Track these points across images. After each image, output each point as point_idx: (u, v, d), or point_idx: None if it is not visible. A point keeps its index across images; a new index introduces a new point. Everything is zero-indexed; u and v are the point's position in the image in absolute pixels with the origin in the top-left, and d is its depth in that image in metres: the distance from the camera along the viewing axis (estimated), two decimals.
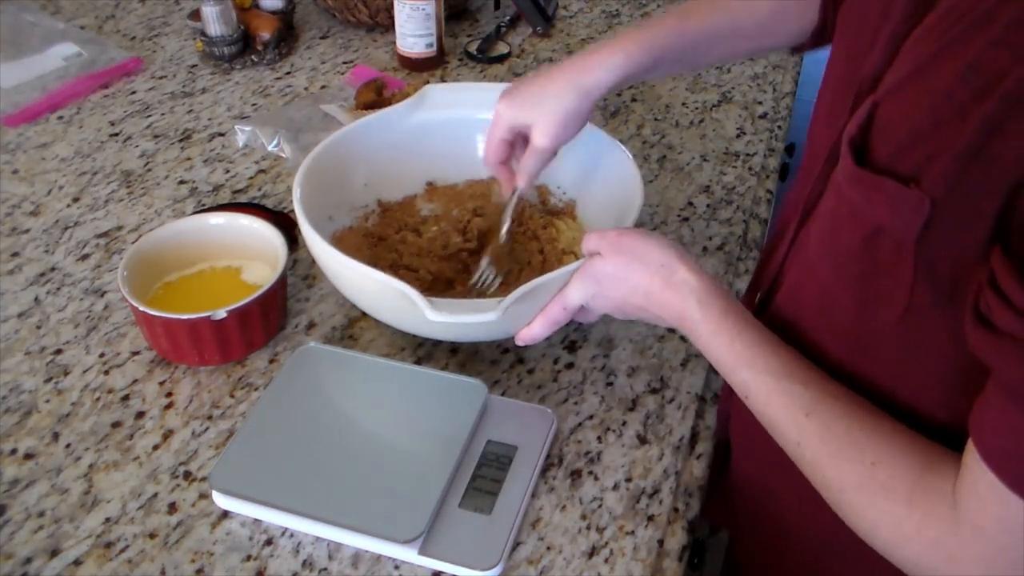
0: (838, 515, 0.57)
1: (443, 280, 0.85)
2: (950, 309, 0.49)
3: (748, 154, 1.06)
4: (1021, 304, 0.42)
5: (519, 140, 0.81)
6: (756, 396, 0.60)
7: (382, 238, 0.89)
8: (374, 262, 0.86)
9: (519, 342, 0.72)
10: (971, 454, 0.48)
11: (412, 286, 0.84)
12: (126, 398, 0.75)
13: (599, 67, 0.76)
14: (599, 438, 0.73)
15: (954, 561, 0.50)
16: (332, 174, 0.86)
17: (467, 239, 0.88)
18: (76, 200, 0.96)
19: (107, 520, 0.66)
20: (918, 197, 0.46)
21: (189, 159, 1.03)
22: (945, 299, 0.49)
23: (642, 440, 0.73)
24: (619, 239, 0.67)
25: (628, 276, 0.66)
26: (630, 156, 0.83)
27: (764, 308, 0.69)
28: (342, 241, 0.87)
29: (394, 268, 0.86)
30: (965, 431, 0.49)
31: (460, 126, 0.92)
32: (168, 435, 0.72)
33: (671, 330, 0.82)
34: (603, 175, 0.87)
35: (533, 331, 0.71)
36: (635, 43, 0.76)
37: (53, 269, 0.88)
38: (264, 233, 0.81)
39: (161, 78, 1.17)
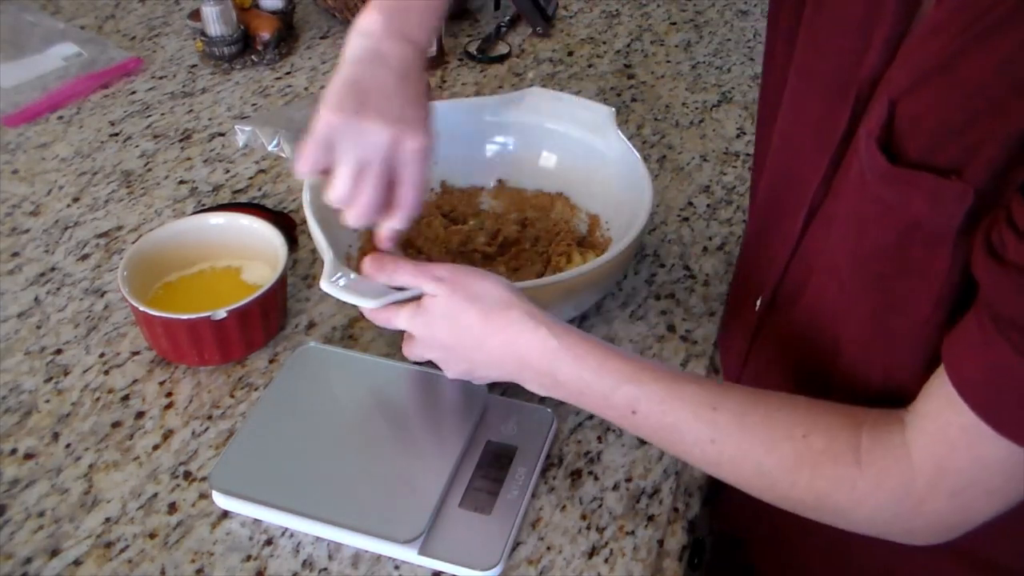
0: (772, 501, 0.57)
1: None
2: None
3: (748, 154, 1.06)
4: None
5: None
6: (648, 407, 0.58)
7: (422, 216, 0.90)
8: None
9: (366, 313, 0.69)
10: (935, 399, 0.49)
11: None
12: (126, 398, 0.75)
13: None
14: (599, 438, 0.73)
15: (922, 503, 0.51)
16: None
17: (489, 243, 0.88)
18: (76, 200, 0.96)
19: (107, 520, 0.66)
20: (960, 188, 0.46)
21: (189, 159, 1.03)
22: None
23: (642, 440, 0.73)
24: (450, 277, 0.63)
25: (459, 315, 0.62)
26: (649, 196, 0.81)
27: (768, 314, 0.69)
28: None
29: (404, 247, 0.87)
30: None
31: (549, 136, 0.92)
32: (168, 435, 0.72)
33: (671, 329, 0.82)
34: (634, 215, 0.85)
35: (369, 314, 0.68)
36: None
37: (53, 269, 0.88)
38: (264, 233, 0.81)
39: (161, 78, 1.17)
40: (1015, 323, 0.44)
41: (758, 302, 0.70)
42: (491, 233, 0.88)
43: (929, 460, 0.50)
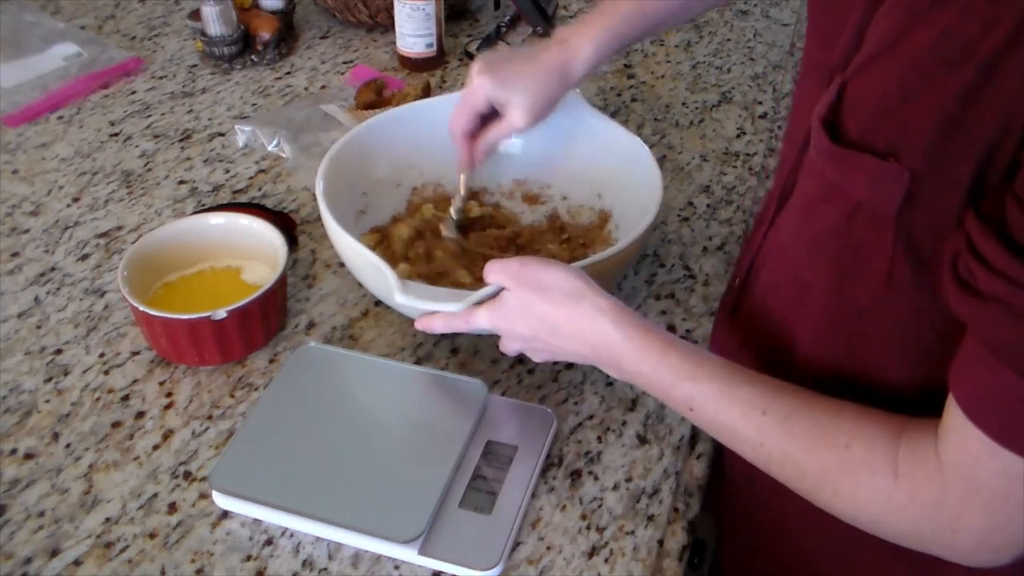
0: (818, 505, 0.57)
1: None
2: (929, 278, 0.49)
3: (748, 154, 1.06)
4: (1002, 266, 0.43)
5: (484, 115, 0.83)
6: (703, 405, 0.59)
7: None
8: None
9: (417, 326, 0.72)
10: (954, 415, 0.49)
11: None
12: (126, 398, 0.75)
13: (578, 60, 0.79)
14: (599, 438, 0.73)
15: (959, 518, 0.50)
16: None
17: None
18: (76, 200, 0.96)
19: (107, 520, 0.66)
20: (897, 170, 0.46)
21: (189, 159, 1.03)
22: (924, 268, 0.49)
23: (642, 440, 0.73)
24: (521, 270, 0.65)
25: (532, 308, 0.64)
26: (657, 170, 0.83)
27: (742, 295, 0.69)
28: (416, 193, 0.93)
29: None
30: (935, 399, 0.50)
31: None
32: (168, 435, 0.72)
33: (671, 329, 0.82)
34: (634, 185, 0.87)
35: (433, 324, 0.70)
36: (606, 32, 0.79)
37: (53, 269, 0.88)
38: (264, 233, 0.81)
39: (161, 78, 1.17)
40: (1011, 349, 0.44)
41: (736, 282, 0.71)
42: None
43: (958, 473, 0.50)
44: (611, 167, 0.90)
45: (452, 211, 0.88)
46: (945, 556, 0.53)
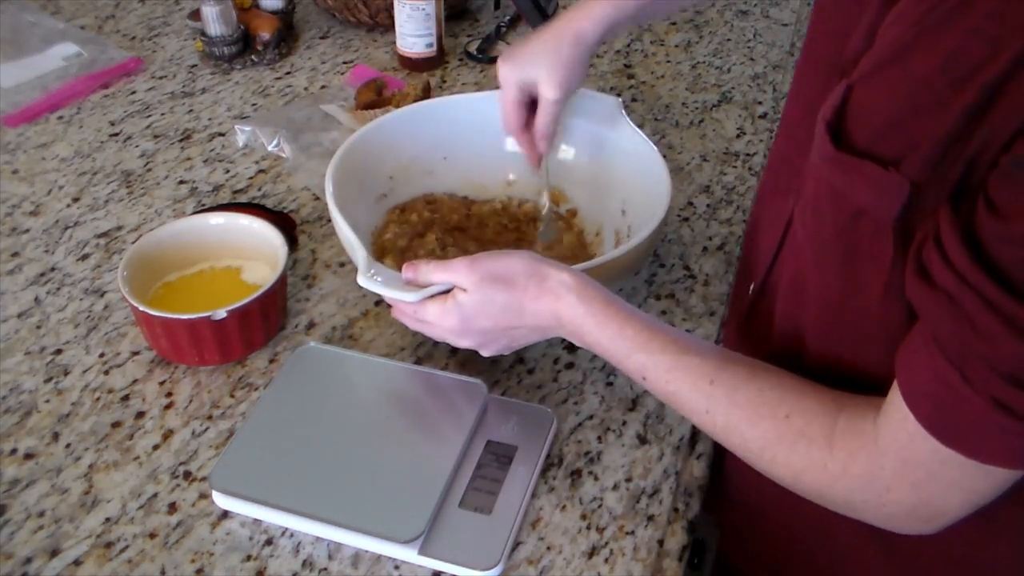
0: (759, 471, 0.59)
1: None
2: None
3: (748, 154, 1.06)
4: (957, 262, 0.44)
5: (530, 105, 0.84)
6: (655, 375, 0.62)
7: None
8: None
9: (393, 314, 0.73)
10: (897, 395, 0.50)
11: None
12: (126, 398, 0.75)
13: (588, 18, 0.80)
14: (599, 438, 0.73)
15: (888, 492, 0.52)
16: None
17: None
18: (76, 200, 0.96)
19: (107, 520, 0.66)
20: (898, 180, 0.47)
21: (189, 159, 1.03)
22: None
23: (642, 440, 0.73)
24: (473, 267, 0.66)
25: (495, 298, 0.65)
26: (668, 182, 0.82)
27: (758, 300, 0.69)
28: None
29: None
30: None
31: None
32: (168, 435, 0.72)
33: None
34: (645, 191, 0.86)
35: (397, 310, 0.72)
36: None
37: (53, 269, 0.88)
38: (264, 233, 0.81)
39: (161, 78, 1.17)
40: (949, 342, 0.46)
41: (751, 288, 0.71)
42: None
43: (893, 449, 0.51)
44: (625, 171, 0.89)
45: (543, 205, 0.90)
46: (876, 524, 0.55)
